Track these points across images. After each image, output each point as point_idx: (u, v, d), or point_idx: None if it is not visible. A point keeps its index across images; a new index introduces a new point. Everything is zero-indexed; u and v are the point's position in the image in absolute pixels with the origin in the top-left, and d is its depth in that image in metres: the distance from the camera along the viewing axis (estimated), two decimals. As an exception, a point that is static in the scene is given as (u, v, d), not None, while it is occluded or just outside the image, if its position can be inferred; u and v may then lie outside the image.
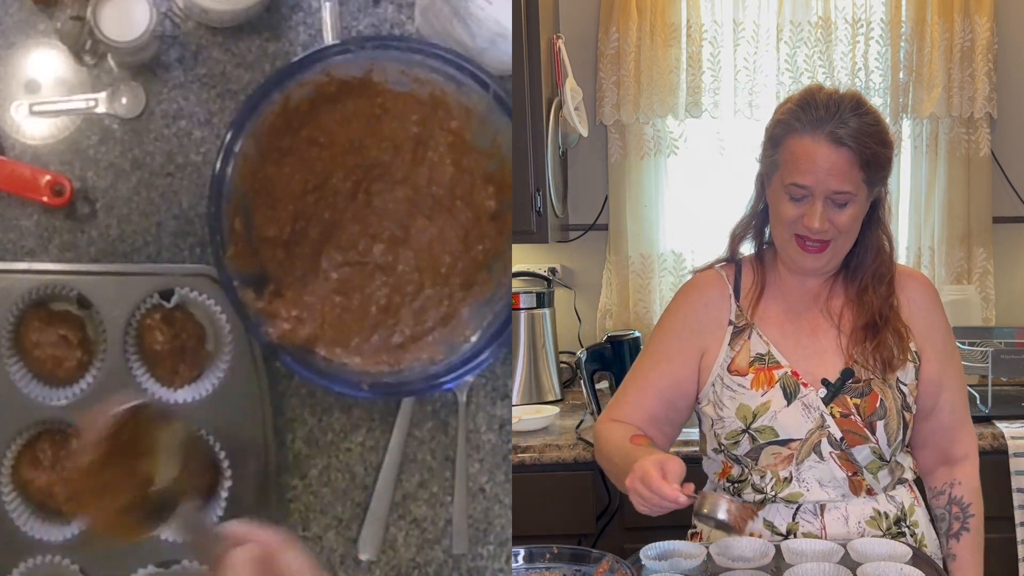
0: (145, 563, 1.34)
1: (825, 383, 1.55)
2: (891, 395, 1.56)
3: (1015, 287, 2.78)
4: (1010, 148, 2.74)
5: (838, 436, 1.53)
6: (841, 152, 1.46)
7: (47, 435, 1.37)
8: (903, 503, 1.59)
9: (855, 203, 1.50)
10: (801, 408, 1.54)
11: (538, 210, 2.40)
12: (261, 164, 1.34)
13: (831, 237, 1.51)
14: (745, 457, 1.57)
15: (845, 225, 1.51)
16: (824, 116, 1.47)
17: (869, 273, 1.59)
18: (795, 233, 1.52)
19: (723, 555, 1.41)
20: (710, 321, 1.62)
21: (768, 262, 1.64)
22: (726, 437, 1.57)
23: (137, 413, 1.12)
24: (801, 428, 1.54)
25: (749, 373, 1.57)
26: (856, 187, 1.49)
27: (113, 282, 1.37)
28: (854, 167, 1.47)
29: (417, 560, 1.42)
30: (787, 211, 1.51)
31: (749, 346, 1.58)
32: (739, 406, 1.56)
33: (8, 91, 1.44)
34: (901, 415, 1.56)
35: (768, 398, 1.55)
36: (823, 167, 1.47)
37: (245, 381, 1.37)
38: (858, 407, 1.54)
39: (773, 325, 1.60)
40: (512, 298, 2.30)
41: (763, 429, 1.54)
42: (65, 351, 1.37)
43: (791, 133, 1.50)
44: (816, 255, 1.53)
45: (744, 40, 2.71)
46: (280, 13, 1.46)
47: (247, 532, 1.05)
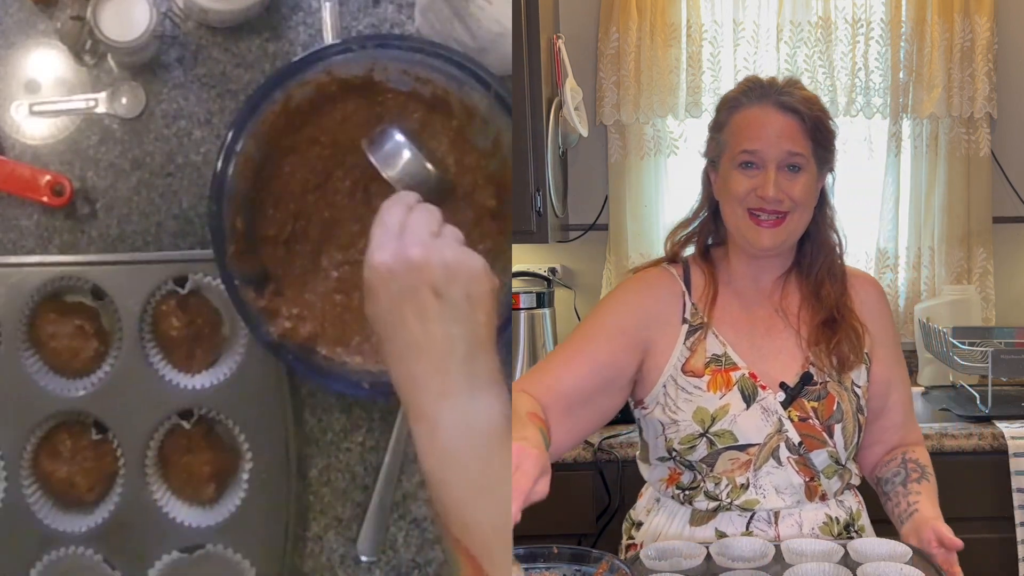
0: (169, 550, 1.35)
1: (783, 387, 1.53)
2: (847, 397, 1.54)
3: (1015, 287, 2.78)
4: (1010, 148, 2.75)
5: (796, 441, 1.51)
6: (789, 117, 1.49)
7: (65, 427, 1.38)
8: (851, 508, 1.58)
9: (807, 172, 1.50)
10: (760, 412, 1.51)
11: (538, 210, 2.40)
12: (262, 163, 1.34)
13: (786, 209, 1.49)
14: (700, 463, 1.53)
15: (799, 196, 1.49)
16: (768, 89, 1.51)
17: (823, 269, 1.57)
18: (748, 208, 1.50)
19: (723, 555, 1.41)
20: (660, 316, 1.56)
21: (717, 261, 1.60)
22: (680, 442, 1.53)
23: None
24: (760, 432, 1.51)
25: (705, 375, 1.52)
26: (807, 153, 1.49)
27: (127, 271, 1.38)
28: (803, 134, 1.49)
29: (417, 560, 1.42)
30: (739, 185, 1.50)
31: (705, 346, 1.54)
32: (696, 409, 1.51)
33: (8, 91, 1.44)
34: (856, 418, 1.55)
35: (727, 401, 1.51)
36: (773, 131, 1.48)
37: (262, 363, 1.38)
38: (816, 410, 1.52)
39: (729, 325, 1.56)
40: (512, 298, 2.30)
41: (722, 433, 1.51)
42: (81, 342, 1.38)
43: (737, 109, 1.52)
44: (772, 230, 1.50)
45: (744, 40, 2.71)
46: (280, 13, 1.46)
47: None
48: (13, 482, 1.35)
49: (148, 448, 1.37)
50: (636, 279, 1.62)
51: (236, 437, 1.38)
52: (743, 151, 1.49)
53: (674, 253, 1.61)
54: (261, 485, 1.37)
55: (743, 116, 1.52)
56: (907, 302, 2.75)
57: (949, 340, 2.38)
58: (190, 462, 1.39)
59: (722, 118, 1.55)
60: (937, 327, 2.45)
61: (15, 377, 1.36)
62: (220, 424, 1.39)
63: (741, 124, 1.51)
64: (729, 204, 1.53)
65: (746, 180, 1.50)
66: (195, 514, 1.38)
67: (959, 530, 1.45)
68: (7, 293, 1.37)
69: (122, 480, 1.37)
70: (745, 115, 1.51)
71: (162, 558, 1.35)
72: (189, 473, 1.39)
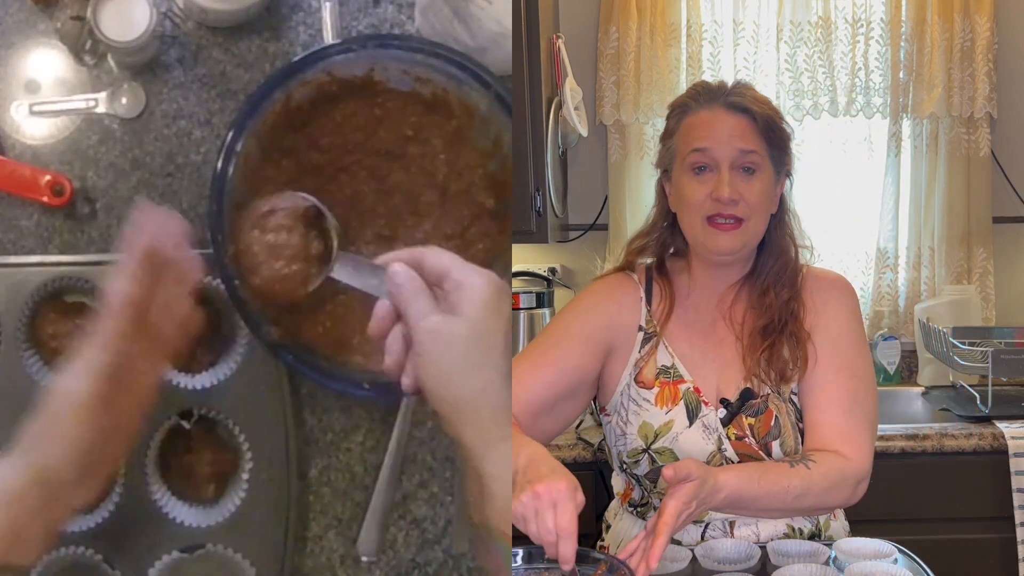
0: (169, 550, 1.35)
1: (724, 403, 1.50)
2: (785, 409, 1.50)
3: (1015, 287, 2.78)
4: (1010, 148, 2.75)
5: (735, 460, 1.48)
6: (739, 117, 1.46)
7: None
8: (818, 518, 1.54)
9: (763, 173, 1.47)
10: (701, 429, 1.49)
11: (538, 210, 2.40)
12: (262, 163, 1.34)
13: (742, 214, 1.46)
14: (644, 478, 1.52)
15: (755, 200, 1.46)
16: (717, 92, 1.49)
17: (772, 275, 1.53)
18: (706, 215, 1.46)
19: (708, 557, 1.41)
20: (622, 321, 1.55)
21: (673, 272, 1.58)
22: (628, 455, 1.52)
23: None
24: (702, 451, 1.48)
25: (655, 387, 1.51)
26: (761, 152, 1.46)
27: None
28: (755, 133, 1.46)
29: (417, 560, 1.42)
30: (694, 191, 1.46)
31: (656, 357, 1.53)
32: (642, 423, 1.50)
33: (8, 91, 1.44)
34: (796, 428, 1.50)
35: (671, 417, 1.50)
36: (724, 130, 1.46)
37: (262, 363, 1.38)
38: (752, 428, 1.49)
39: (681, 337, 1.54)
40: (512, 298, 2.30)
41: (663, 451, 1.50)
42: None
43: (686, 114, 1.50)
44: (730, 233, 1.46)
45: (744, 40, 2.71)
46: (280, 13, 1.46)
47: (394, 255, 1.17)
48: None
49: (148, 448, 1.36)
50: (599, 283, 1.61)
51: (236, 437, 1.38)
52: (694, 150, 1.46)
53: (628, 262, 1.59)
54: (261, 485, 1.37)
55: (692, 119, 1.49)
56: (907, 302, 2.75)
57: (949, 340, 2.38)
58: (190, 462, 1.39)
59: (671, 125, 1.52)
60: (937, 327, 2.45)
61: (15, 377, 1.36)
62: (220, 424, 1.39)
63: (691, 127, 1.49)
64: (686, 213, 1.50)
65: (700, 185, 1.46)
66: (195, 514, 1.38)
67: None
68: (7, 293, 1.37)
69: (122, 480, 1.36)
70: (694, 118, 1.49)
71: (162, 558, 1.35)
72: (189, 473, 1.39)
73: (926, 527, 2.06)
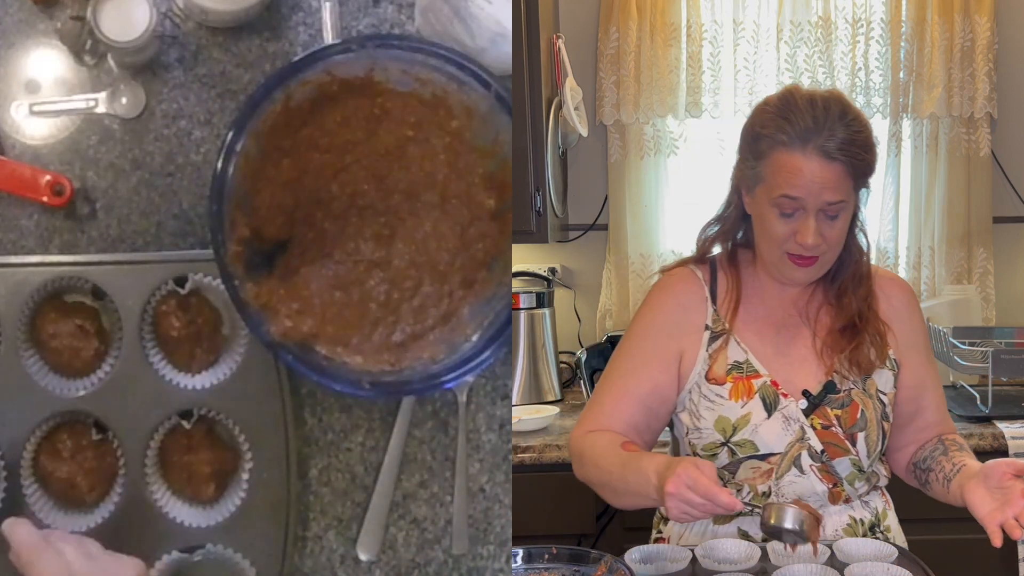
0: (169, 550, 1.35)
1: (806, 394, 1.52)
2: (871, 405, 1.53)
3: (1015, 287, 2.78)
4: (1010, 148, 2.75)
5: (819, 449, 1.51)
6: (833, 166, 1.42)
7: (66, 426, 1.38)
8: (877, 508, 1.58)
9: (846, 211, 1.47)
10: (781, 420, 1.51)
11: (538, 210, 2.40)
12: (262, 163, 1.34)
13: (821, 252, 1.48)
14: (722, 470, 1.53)
15: (836, 239, 1.48)
16: (811, 127, 1.42)
17: (849, 275, 1.55)
18: (787, 251, 1.48)
19: (709, 557, 1.41)
20: (687, 323, 1.56)
21: (742, 264, 1.59)
22: (703, 449, 1.54)
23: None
24: (781, 441, 1.51)
25: (727, 382, 1.52)
26: (848, 196, 1.46)
27: (127, 271, 1.38)
28: (846, 178, 1.44)
29: (417, 560, 1.42)
30: (777, 229, 1.46)
31: (726, 353, 1.54)
32: (718, 418, 1.52)
33: (8, 91, 1.44)
34: (880, 425, 1.54)
35: (748, 409, 1.51)
36: (816, 182, 1.42)
37: (262, 363, 1.38)
38: (839, 418, 1.51)
39: (751, 332, 1.55)
40: (512, 298, 2.30)
41: (743, 443, 1.51)
42: (82, 341, 1.38)
43: (776, 147, 1.44)
44: (807, 268, 1.49)
45: (744, 40, 2.71)
46: (280, 13, 1.46)
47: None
48: (13, 482, 1.35)
49: (148, 448, 1.37)
50: (663, 287, 1.62)
51: (236, 437, 1.38)
52: (783, 195, 1.44)
53: (703, 252, 1.60)
54: (261, 485, 1.37)
55: (785, 158, 1.43)
56: (907, 302, 2.75)
57: (949, 340, 2.38)
58: (190, 462, 1.39)
59: (762, 148, 1.46)
60: (937, 327, 2.45)
61: (15, 377, 1.36)
62: (220, 424, 1.40)
63: (782, 166, 1.43)
64: (765, 241, 1.51)
65: (784, 226, 1.46)
66: (195, 514, 1.38)
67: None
68: (7, 293, 1.37)
69: (122, 480, 1.37)
70: (787, 158, 1.43)
71: (162, 558, 1.35)
72: (189, 473, 1.39)
73: (926, 527, 2.06)
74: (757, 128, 1.48)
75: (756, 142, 1.47)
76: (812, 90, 1.48)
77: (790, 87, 1.51)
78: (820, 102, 1.44)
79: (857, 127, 1.44)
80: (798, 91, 1.47)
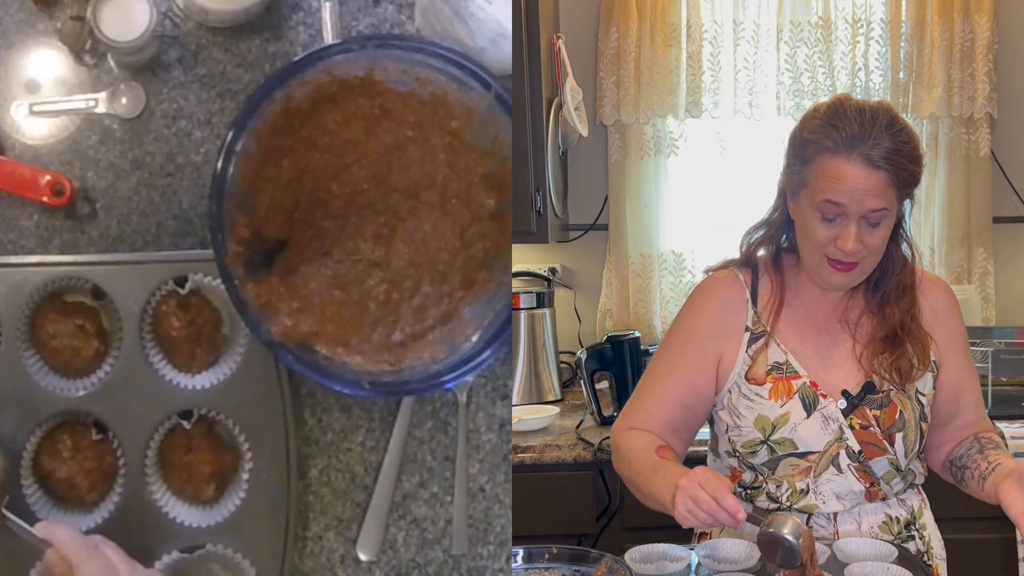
0: (169, 550, 1.35)
1: (845, 395, 1.54)
2: (910, 406, 1.55)
3: (1015, 287, 2.79)
4: (1010, 148, 2.75)
5: (856, 449, 1.53)
6: (877, 175, 1.43)
7: (66, 426, 1.38)
8: (913, 506, 1.60)
9: (888, 220, 1.48)
10: (820, 420, 1.53)
11: (538, 210, 2.40)
12: (262, 163, 1.34)
13: (861, 259, 1.49)
14: (762, 466, 1.56)
15: (877, 246, 1.49)
16: (858, 134, 1.43)
17: (892, 285, 1.57)
18: (827, 256, 1.49)
19: (709, 557, 1.41)
20: (727, 326, 1.59)
21: (786, 268, 1.61)
22: (743, 446, 1.56)
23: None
24: (820, 440, 1.53)
25: (767, 383, 1.54)
26: (891, 204, 1.46)
27: (127, 271, 1.38)
28: (890, 187, 1.44)
29: (417, 560, 1.42)
30: (819, 233, 1.48)
31: (767, 355, 1.56)
32: (757, 416, 1.54)
33: (8, 91, 1.44)
34: (919, 426, 1.55)
35: (787, 409, 1.53)
36: (859, 188, 1.43)
37: (262, 363, 1.38)
38: (878, 419, 1.53)
39: (792, 334, 1.57)
40: (512, 298, 2.30)
41: (782, 441, 1.53)
42: (82, 341, 1.38)
43: (822, 152, 1.45)
44: (846, 273, 1.51)
45: (744, 40, 2.71)
46: (280, 13, 1.46)
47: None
48: (13, 482, 1.35)
49: (148, 448, 1.36)
50: (705, 288, 1.64)
51: (236, 437, 1.38)
52: (826, 200, 1.45)
53: (748, 255, 1.62)
54: (261, 485, 1.37)
55: (829, 164, 1.44)
56: (907, 302, 2.75)
57: (949, 340, 2.38)
58: (190, 462, 1.39)
59: (808, 153, 1.48)
60: (937, 327, 2.45)
61: (15, 377, 1.36)
62: (220, 424, 1.40)
63: (827, 171, 1.45)
64: (807, 245, 1.52)
65: (826, 230, 1.47)
66: (195, 514, 1.38)
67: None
68: (7, 293, 1.37)
69: (122, 480, 1.36)
70: (832, 164, 1.44)
71: (162, 558, 1.35)
72: (189, 473, 1.39)
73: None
74: (805, 134, 1.49)
75: (803, 147, 1.49)
76: (862, 100, 1.49)
77: (840, 96, 1.52)
78: (868, 111, 1.45)
79: (904, 138, 1.45)
80: (848, 100, 1.49)
